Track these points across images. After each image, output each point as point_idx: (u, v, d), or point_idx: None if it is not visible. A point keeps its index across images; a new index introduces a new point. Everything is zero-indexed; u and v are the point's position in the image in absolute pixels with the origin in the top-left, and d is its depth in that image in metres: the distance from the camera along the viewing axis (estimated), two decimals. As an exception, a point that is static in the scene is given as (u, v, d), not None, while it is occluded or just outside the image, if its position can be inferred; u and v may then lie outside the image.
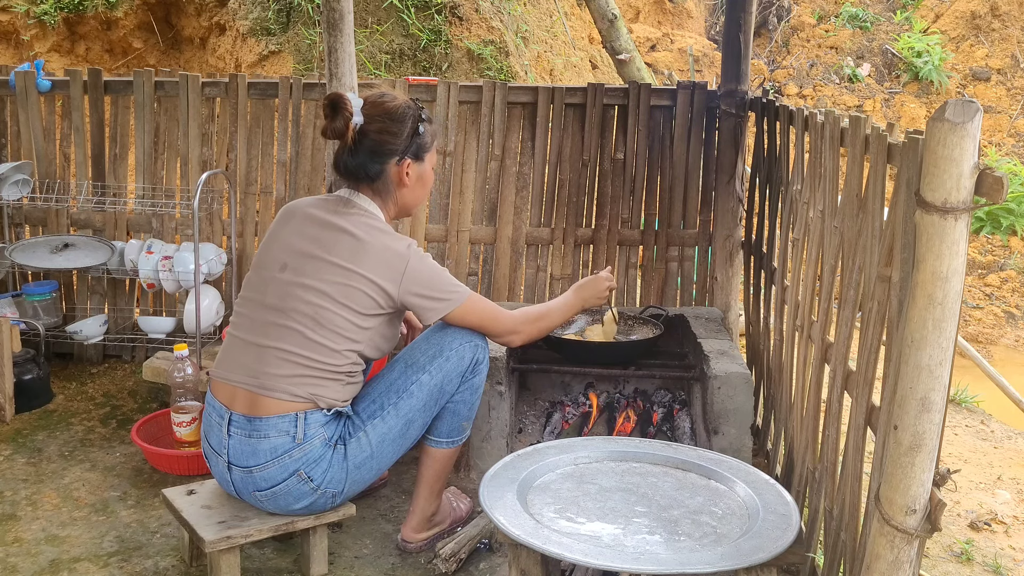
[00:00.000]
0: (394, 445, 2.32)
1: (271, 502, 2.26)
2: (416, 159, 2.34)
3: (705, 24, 11.11)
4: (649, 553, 1.87)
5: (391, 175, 2.32)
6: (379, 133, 2.27)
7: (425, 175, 2.39)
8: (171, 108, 3.93)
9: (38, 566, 2.46)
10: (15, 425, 3.37)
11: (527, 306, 2.67)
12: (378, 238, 2.25)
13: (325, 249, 2.24)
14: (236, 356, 2.28)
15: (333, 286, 2.21)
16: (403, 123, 2.29)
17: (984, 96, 9.04)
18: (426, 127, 2.34)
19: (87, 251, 3.79)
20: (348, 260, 2.22)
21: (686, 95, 3.75)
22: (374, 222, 2.29)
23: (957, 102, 1.43)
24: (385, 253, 2.24)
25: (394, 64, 5.61)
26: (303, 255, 2.26)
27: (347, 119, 2.25)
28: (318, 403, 2.22)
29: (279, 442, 2.19)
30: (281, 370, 2.20)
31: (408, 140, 2.30)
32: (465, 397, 2.41)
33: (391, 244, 2.26)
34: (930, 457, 1.52)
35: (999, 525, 2.88)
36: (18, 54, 6.06)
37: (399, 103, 2.31)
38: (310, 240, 2.27)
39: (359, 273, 2.22)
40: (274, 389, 2.20)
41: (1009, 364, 5.61)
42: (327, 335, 2.21)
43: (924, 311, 1.48)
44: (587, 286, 2.67)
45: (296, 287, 2.23)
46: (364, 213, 2.30)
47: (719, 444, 2.73)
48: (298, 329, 2.21)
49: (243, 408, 2.22)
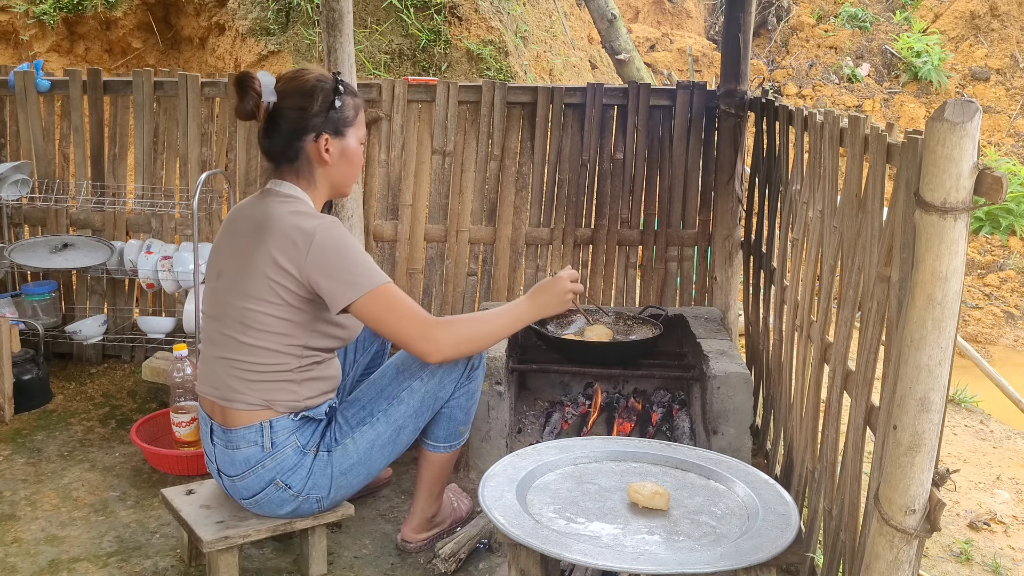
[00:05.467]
0: (384, 451, 2.29)
1: (257, 508, 2.27)
2: (336, 134, 2.19)
3: (704, 24, 11.12)
4: (648, 553, 1.87)
5: (310, 153, 2.19)
6: (291, 110, 2.16)
7: (348, 150, 2.22)
8: (170, 108, 3.93)
9: (37, 566, 2.46)
10: (14, 425, 3.36)
11: (461, 314, 2.45)
12: (287, 219, 2.10)
13: (244, 247, 2.15)
14: (203, 370, 2.27)
15: (250, 283, 2.12)
16: (314, 97, 2.16)
17: (983, 96, 9.04)
18: (345, 100, 2.20)
19: (86, 251, 3.79)
20: (252, 249, 2.11)
21: (685, 95, 3.75)
22: (289, 206, 2.15)
23: (956, 102, 1.43)
24: (290, 232, 2.08)
25: (393, 64, 5.61)
26: (231, 257, 2.20)
27: (255, 99, 2.13)
28: (275, 408, 2.17)
29: (250, 452, 2.18)
30: (232, 379, 2.17)
31: (323, 115, 2.17)
32: (461, 402, 2.37)
33: (298, 223, 2.09)
34: (929, 457, 1.52)
35: (998, 525, 2.88)
36: (17, 54, 6.06)
37: (311, 76, 2.18)
38: (236, 240, 2.21)
39: (261, 259, 2.09)
40: (233, 400, 2.18)
41: (1008, 364, 5.61)
42: (257, 336, 2.13)
43: (923, 311, 1.48)
44: (544, 289, 2.33)
45: (225, 292, 2.18)
46: (285, 199, 2.17)
47: (718, 444, 2.73)
48: (232, 335, 2.16)
49: (219, 419, 2.23)
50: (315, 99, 2.16)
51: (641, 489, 2.08)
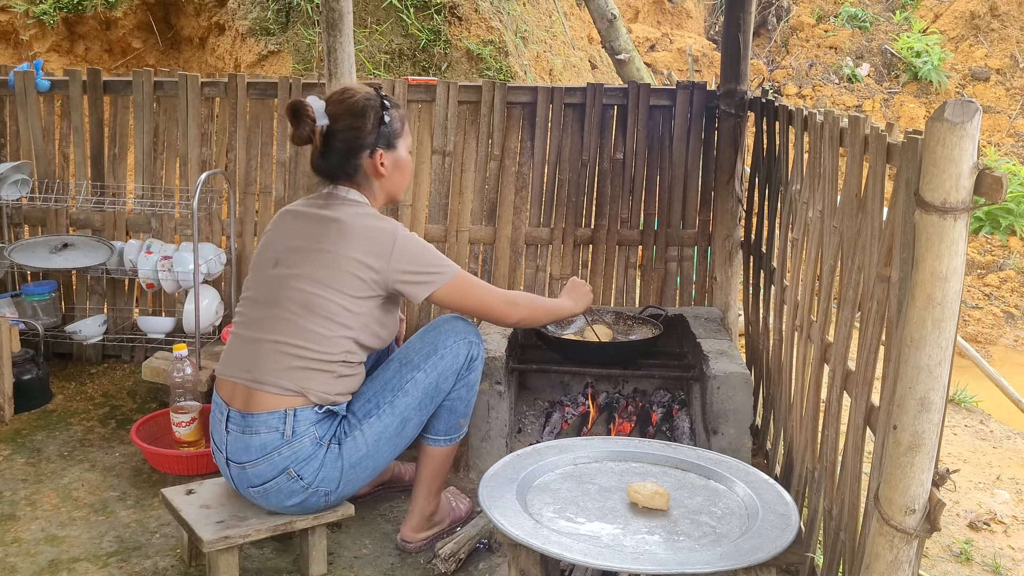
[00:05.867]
0: (390, 444, 2.33)
1: (264, 499, 2.28)
2: (388, 148, 2.35)
3: (704, 24, 11.12)
4: (648, 553, 1.87)
5: (367, 168, 2.34)
6: (345, 131, 2.30)
7: (400, 161, 2.40)
8: (170, 108, 3.93)
9: (37, 566, 2.46)
10: (14, 425, 3.37)
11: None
12: (364, 221, 2.28)
13: (313, 240, 2.27)
14: (234, 353, 2.32)
15: (322, 271, 2.23)
16: (365, 116, 2.31)
17: (983, 96, 9.04)
18: (391, 114, 2.35)
19: (86, 251, 3.79)
20: (335, 244, 2.24)
21: (685, 95, 3.75)
22: (360, 209, 2.32)
23: (956, 102, 1.43)
24: (372, 232, 2.26)
25: (393, 64, 5.61)
26: (292, 249, 2.30)
27: (310, 124, 2.28)
28: (308, 396, 2.22)
29: (268, 438, 2.21)
30: (273, 362, 2.22)
31: (375, 131, 2.32)
32: (461, 394, 2.43)
33: (378, 224, 2.28)
34: (929, 457, 1.52)
35: (998, 525, 2.88)
36: (17, 54, 6.06)
37: (360, 96, 2.32)
38: (298, 234, 2.31)
39: (347, 255, 2.23)
40: (265, 383, 2.22)
41: (1008, 364, 5.62)
42: (318, 321, 2.22)
43: (923, 311, 1.48)
44: (575, 287, 2.73)
45: (287, 278, 2.27)
46: (350, 202, 2.33)
47: (718, 444, 2.73)
48: (289, 318, 2.23)
49: (240, 404, 2.25)
50: (367, 117, 2.31)
51: (641, 489, 2.08)
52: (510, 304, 2.46)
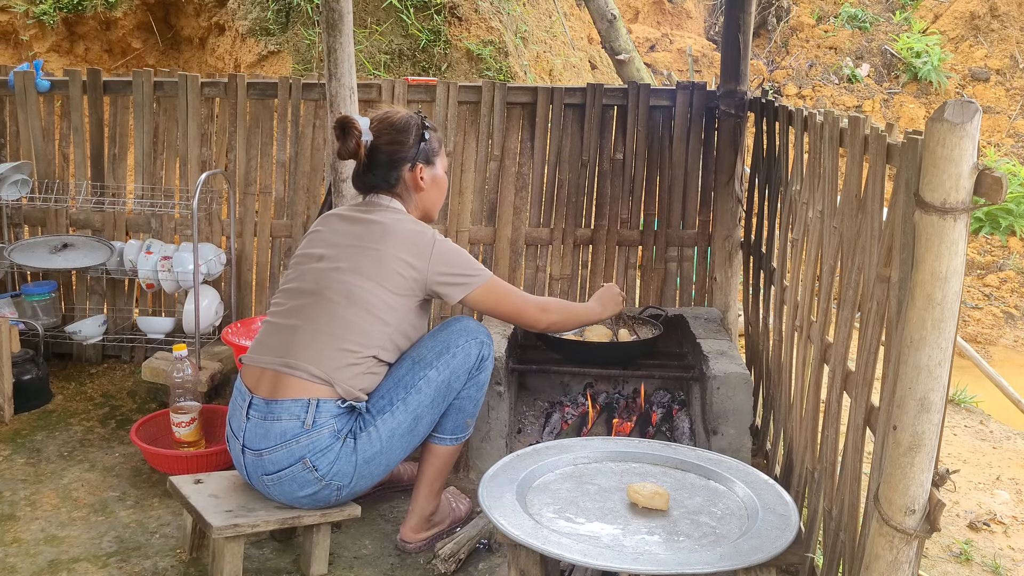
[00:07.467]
0: (403, 441, 2.35)
1: (277, 487, 2.29)
2: (427, 163, 2.50)
3: (704, 24, 11.12)
4: (648, 553, 1.87)
5: (408, 180, 2.48)
6: (389, 144, 2.45)
7: (438, 178, 2.55)
8: (170, 108, 3.93)
9: (37, 566, 2.46)
10: (14, 425, 3.37)
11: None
12: (405, 224, 2.43)
13: (358, 239, 2.40)
14: (267, 339, 2.40)
15: (367, 265, 2.34)
16: (409, 132, 2.47)
17: (983, 96, 9.04)
18: (431, 134, 2.52)
19: (86, 251, 3.79)
20: (379, 243, 2.37)
21: (685, 95, 3.75)
22: (401, 215, 2.46)
23: (956, 102, 1.43)
24: (413, 235, 2.40)
25: (393, 64, 5.61)
26: (338, 246, 2.42)
27: (357, 138, 2.42)
28: (334, 386, 2.26)
29: (289, 426, 2.24)
30: (306, 347, 2.29)
31: (416, 147, 2.47)
32: (471, 393, 2.46)
33: (418, 228, 2.43)
34: (929, 457, 1.52)
35: (998, 525, 2.88)
36: (17, 54, 6.07)
37: (402, 115, 2.49)
38: (344, 234, 2.44)
39: (391, 253, 2.35)
40: (295, 368, 2.27)
41: (1008, 364, 5.62)
42: (358, 313, 2.31)
43: (923, 311, 1.48)
44: (605, 293, 2.82)
45: (332, 271, 2.37)
46: (392, 209, 2.47)
47: (718, 444, 2.73)
48: (331, 307, 2.32)
49: (265, 391, 2.30)
50: (409, 133, 2.47)
51: (641, 489, 2.08)
52: (541, 309, 2.57)
